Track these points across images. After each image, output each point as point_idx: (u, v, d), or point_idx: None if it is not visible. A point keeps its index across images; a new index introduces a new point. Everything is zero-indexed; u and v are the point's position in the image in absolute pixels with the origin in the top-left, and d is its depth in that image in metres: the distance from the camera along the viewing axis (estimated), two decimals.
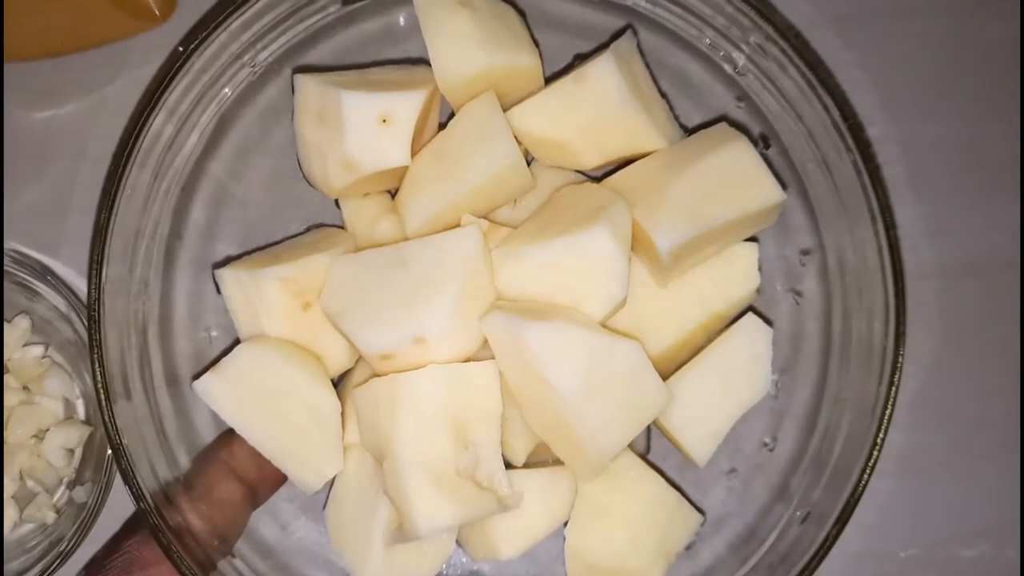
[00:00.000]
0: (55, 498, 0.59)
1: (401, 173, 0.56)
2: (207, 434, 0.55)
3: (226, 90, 0.55)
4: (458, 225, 0.54)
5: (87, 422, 0.60)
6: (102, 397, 0.47)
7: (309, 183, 0.58)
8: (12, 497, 0.59)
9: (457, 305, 0.50)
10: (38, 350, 0.60)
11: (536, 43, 0.57)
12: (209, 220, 0.57)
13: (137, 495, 0.47)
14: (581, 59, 0.59)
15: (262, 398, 0.52)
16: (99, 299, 0.48)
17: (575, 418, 0.50)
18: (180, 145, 0.54)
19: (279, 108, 0.58)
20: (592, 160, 0.57)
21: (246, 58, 0.55)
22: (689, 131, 0.59)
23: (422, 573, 0.54)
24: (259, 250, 0.58)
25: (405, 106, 0.54)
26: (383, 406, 0.50)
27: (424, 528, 0.48)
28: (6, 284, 0.59)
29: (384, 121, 0.53)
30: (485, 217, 0.56)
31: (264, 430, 0.52)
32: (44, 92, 0.64)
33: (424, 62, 0.59)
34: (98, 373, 0.47)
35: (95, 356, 0.47)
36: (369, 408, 0.51)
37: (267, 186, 0.59)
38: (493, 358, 0.52)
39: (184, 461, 0.53)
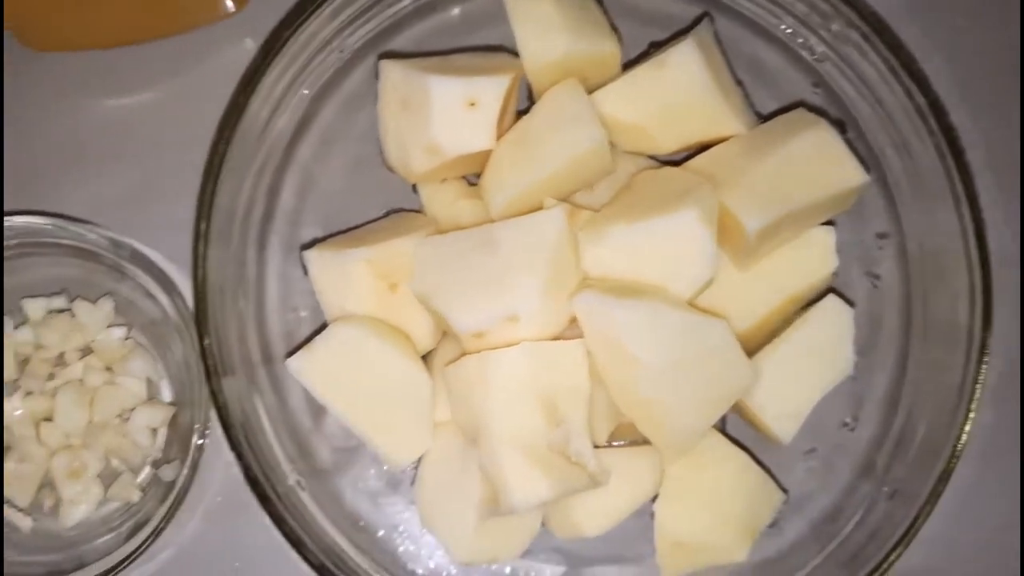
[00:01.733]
0: (140, 477, 0.60)
1: (481, 158, 0.57)
2: (300, 411, 0.56)
3: (315, 76, 0.56)
4: (540, 208, 0.55)
5: (172, 402, 0.61)
6: (211, 372, 0.48)
7: (388, 168, 0.59)
8: (97, 476, 0.60)
9: (547, 284, 0.51)
10: (120, 332, 0.61)
11: (616, 30, 0.58)
12: (297, 203, 0.58)
13: (249, 471, 0.48)
14: (656, 47, 0.60)
15: (354, 376, 0.53)
16: (204, 277, 0.49)
17: (664, 396, 0.51)
18: (273, 129, 0.55)
19: (363, 94, 0.59)
20: (670, 145, 0.58)
21: (335, 43, 0.56)
22: (764, 118, 0.60)
23: (512, 549, 0.55)
24: (341, 233, 0.59)
25: (491, 90, 0.55)
26: (476, 383, 0.51)
27: (520, 502, 0.49)
28: (94, 266, 0.60)
29: (471, 105, 0.54)
30: (565, 200, 0.57)
31: (355, 407, 0.53)
32: (122, 80, 0.65)
33: (502, 49, 0.60)
34: (208, 347, 0.48)
35: (202, 332, 0.48)
36: (461, 385, 0.52)
37: (349, 171, 0.60)
38: (576, 338, 0.53)
39: (284, 437, 0.54)
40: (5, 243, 0.59)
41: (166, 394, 0.62)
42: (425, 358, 0.58)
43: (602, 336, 0.51)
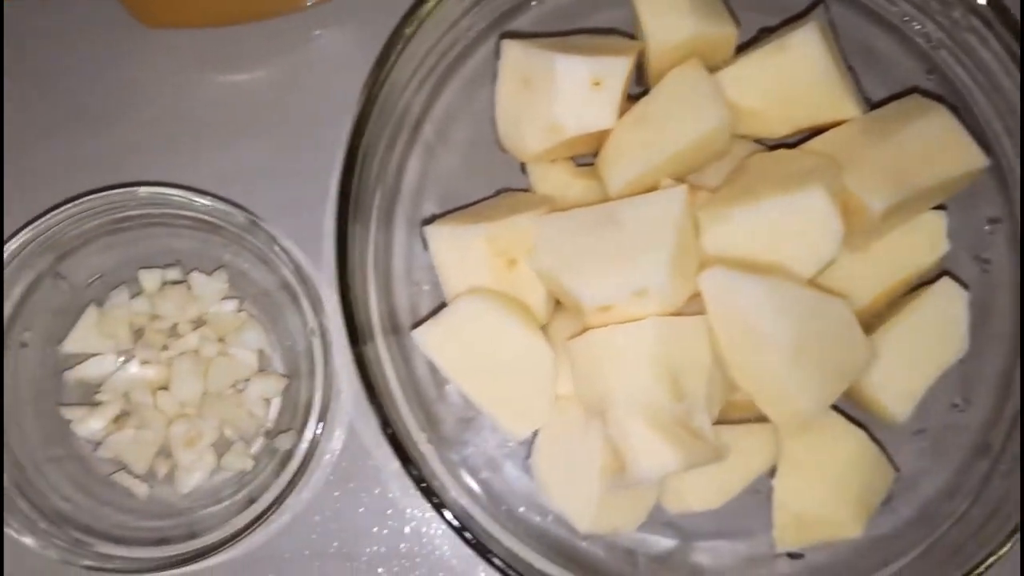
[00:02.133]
0: (253, 448, 0.61)
1: (596, 138, 0.57)
2: (426, 381, 0.57)
3: (441, 56, 0.57)
4: (656, 188, 0.56)
5: (284, 374, 0.62)
6: (355, 339, 0.49)
7: (500, 147, 0.60)
8: (212, 445, 0.61)
9: (672, 261, 0.52)
10: (233, 304, 0.62)
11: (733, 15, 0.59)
12: (419, 180, 0.59)
13: (390, 435, 0.49)
14: (768, 32, 0.61)
15: (477, 348, 0.54)
16: (346, 248, 0.50)
17: (788, 373, 0.51)
18: (400, 106, 0.56)
19: (483, 73, 0.60)
20: (783, 128, 0.58)
21: (462, 24, 0.57)
22: (873, 104, 0.60)
23: (632, 520, 0.56)
24: (457, 210, 0.60)
25: (616, 70, 0.55)
26: (603, 356, 0.52)
27: (648, 472, 0.50)
28: (209, 238, 0.61)
29: (596, 84, 0.55)
30: (682, 181, 0.57)
31: (478, 379, 0.54)
32: (233, 58, 0.66)
33: (615, 32, 0.61)
34: (355, 312, 0.49)
35: (347, 300, 0.50)
36: (586, 359, 0.53)
37: (465, 150, 0.61)
38: (693, 314, 0.53)
39: (414, 405, 0.55)
40: (127, 214, 0.60)
41: (278, 365, 0.63)
42: None
43: (728, 313, 0.52)
